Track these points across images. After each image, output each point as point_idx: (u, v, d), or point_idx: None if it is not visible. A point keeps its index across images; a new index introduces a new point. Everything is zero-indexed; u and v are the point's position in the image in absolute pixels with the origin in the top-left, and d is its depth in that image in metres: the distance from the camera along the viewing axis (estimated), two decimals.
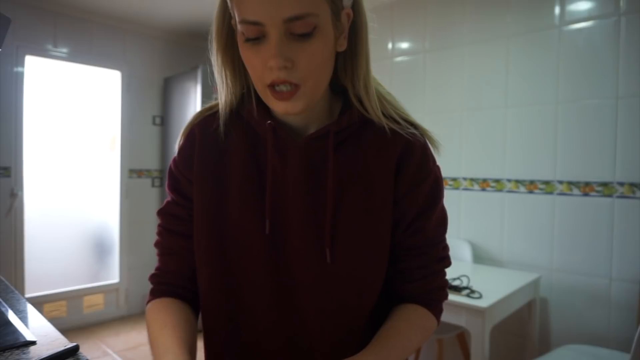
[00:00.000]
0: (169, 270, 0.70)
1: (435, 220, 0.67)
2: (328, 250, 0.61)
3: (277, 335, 0.65)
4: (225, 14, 0.62)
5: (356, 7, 0.62)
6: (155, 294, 0.69)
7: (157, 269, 0.71)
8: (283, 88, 0.57)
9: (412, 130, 0.66)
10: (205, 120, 0.69)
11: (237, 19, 0.56)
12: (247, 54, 0.58)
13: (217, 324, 0.68)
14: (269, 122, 0.63)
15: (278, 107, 0.59)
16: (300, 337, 0.65)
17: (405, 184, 0.64)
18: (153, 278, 0.71)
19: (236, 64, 0.65)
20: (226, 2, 0.60)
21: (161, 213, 0.71)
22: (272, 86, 0.57)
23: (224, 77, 0.65)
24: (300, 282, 0.63)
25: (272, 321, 0.65)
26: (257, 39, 0.56)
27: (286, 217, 0.63)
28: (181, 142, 0.70)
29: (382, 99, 0.67)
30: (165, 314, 0.64)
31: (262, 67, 0.56)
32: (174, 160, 0.70)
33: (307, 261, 0.63)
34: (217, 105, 0.70)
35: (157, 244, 0.71)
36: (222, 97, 0.67)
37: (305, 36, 0.55)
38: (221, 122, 0.67)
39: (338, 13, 0.59)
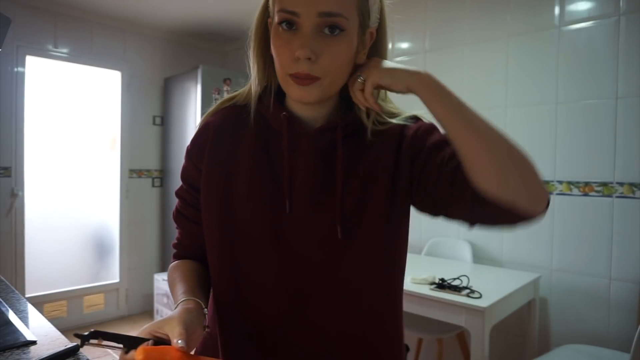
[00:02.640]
0: (184, 244, 0.79)
1: (437, 140, 0.67)
2: (339, 227, 0.66)
3: (282, 309, 0.68)
4: (264, 14, 0.69)
5: (380, 31, 0.69)
6: (176, 257, 0.80)
7: (177, 239, 0.80)
8: (303, 75, 0.62)
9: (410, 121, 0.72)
10: (221, 113, 0.75)
11: (276, 9, 0.63)
12: (279, 42, 0.63)
13: (226, 302, 0.72)
14: (283, 113, 0.69)
15: (295, 93, 0.64)
16: (306, 313, 0.68)
17: (411, 148, 0.68)
18: (174, 246, 0.81)
19: (267, 60, 0.70)
20: (267, 3, 0.68)
21: (177, 195, 0.78)
22: (293, 75, 0.63)
23: (256, 69, 0.71)
24: (310, 258, 0.67)
25: (278, 298, 0.68)
26: (290, 30, 0.62)
27: (297, 198, 0.68)
28: (195, 133, 0.76)
29: (385, 101, 0.74)
30: (180, 269, 0.75)
31: (289, 56, 0.62)
32: (187, 150, 0.76)
33: (318, 238, 0.67)
34: (234, 97, 0.76)
35: (174, 220, 0.80)
36: (253, 86, 0.73)
37: (333, 35, 0.62)
38: (252, 106, 0.72)
39: (364, 29, 0.66)
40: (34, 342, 0.82)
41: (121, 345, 0.53)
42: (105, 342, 0.52)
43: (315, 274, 0.67)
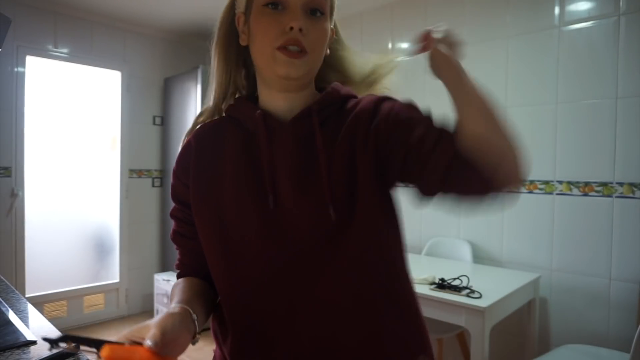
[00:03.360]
0: (186, 263, 0.79)
1: (401, 108, 0.68)
2: (331, 209, 0.66)
3: (284, 304, 0.68)
4: (229, 16, 0.72)
5: (337, 33, 0.76)
6: (178, 277, 0.80)
7: (178, 260, 0.80)
8: (293, 49, 0.65)
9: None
10: (200, 129, 0.77)
11: None
12: (265, 21, 0.66)
13: (230, 306, 0.72)
14: (258, 111, 0.70)
15: (282, 68, 0.66)
16: (311, 301, 0.67)
17: (373, 122, 0.68)
18: (177, 267, 0.81)
19: (231, 64, 0.74)
20: (232, 6, 0.71)
21: (171, 216, 0.79)
22: (282, 48, 0.65)
23: (220, 73, 0.74)
24: (306, 248, 0.67)
25: (280, 295, 0.68)
26: (278, 9, 0.66)
27: (282, 190, 0.68)
28: (179, 154, 0.77)
29: None
30: (180, 285, 0.73)
31: (278, 31, 0.65)
32: (173, 169, 0.77)
33: (311, 226, 0.67)
34: (203, 113, 0.78)
35: (173, 241, 0.80)
36: (216, 91, 0.76)
37: (317, 16, 0.67)
38: (211, 125, 0.75)
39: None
40: (34, 342, 0.82)
41: (95, 350, 0.51)
42: (80, 345, 0.51)
43: (314, 263, 0.66)
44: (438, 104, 0.73)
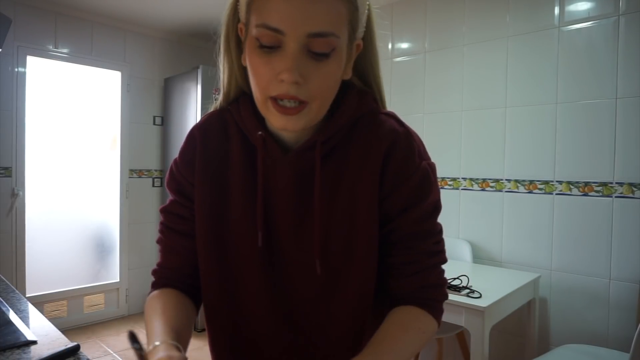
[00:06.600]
0: (171, 267, 0.70)
1: (422, 215, 0.62)
2: (317, 262, 0.61)
3: (276, 339, 0.66)
4: (234, 17, 0.61)
5: (368, 41, 0.64)
6: (155, 286, 0.70)
7: (159, 265, 0.72)
8: (287, 104, 0.55)
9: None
10: (206, 123, 0.70)
11: (254, 23, 0.54)
12: (257, 61, 0.55)
13: (219, 324, 0.70)
14: (259, 133, 0.63)
15: (277, 121, 0.56)
16: (300, 341, 0.66)
17: (389, 182, 0.61)
18: (154, 273, 0.72)
19: (235, 67, 0.64)
20: (236, 6, 0.60)
21: (164, 211, 0.72)
22: (275, 99, 0.55)
23: (224, 78, 0.66)
24: (293, 292, 0.65)
25: (271, 327, 0.66)
26: (271, 48, 0.54)
27: (278, 228, 0.64)
28: (182, 145, 0.71)
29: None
30: (161, 301, 0.66)
31: (271, 77, 0.54)
32: (176, 161, 0.71)
33: (299, 272, 0.64)
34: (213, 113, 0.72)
35: (159, 241, 0.72)
36: (221, 97, 0.69)
37: (322, 56, 0.54)
38: (218, 121, 0.69)
39: (352, 41, 0.59)
40: (34, 342, 0.82)
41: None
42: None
43: (301, 305, 0.65)
44: (437, 100, 0.73)
